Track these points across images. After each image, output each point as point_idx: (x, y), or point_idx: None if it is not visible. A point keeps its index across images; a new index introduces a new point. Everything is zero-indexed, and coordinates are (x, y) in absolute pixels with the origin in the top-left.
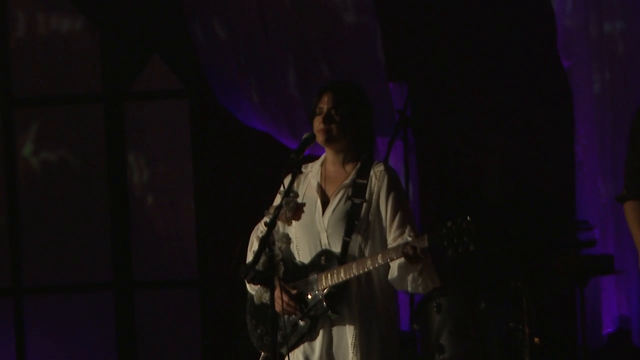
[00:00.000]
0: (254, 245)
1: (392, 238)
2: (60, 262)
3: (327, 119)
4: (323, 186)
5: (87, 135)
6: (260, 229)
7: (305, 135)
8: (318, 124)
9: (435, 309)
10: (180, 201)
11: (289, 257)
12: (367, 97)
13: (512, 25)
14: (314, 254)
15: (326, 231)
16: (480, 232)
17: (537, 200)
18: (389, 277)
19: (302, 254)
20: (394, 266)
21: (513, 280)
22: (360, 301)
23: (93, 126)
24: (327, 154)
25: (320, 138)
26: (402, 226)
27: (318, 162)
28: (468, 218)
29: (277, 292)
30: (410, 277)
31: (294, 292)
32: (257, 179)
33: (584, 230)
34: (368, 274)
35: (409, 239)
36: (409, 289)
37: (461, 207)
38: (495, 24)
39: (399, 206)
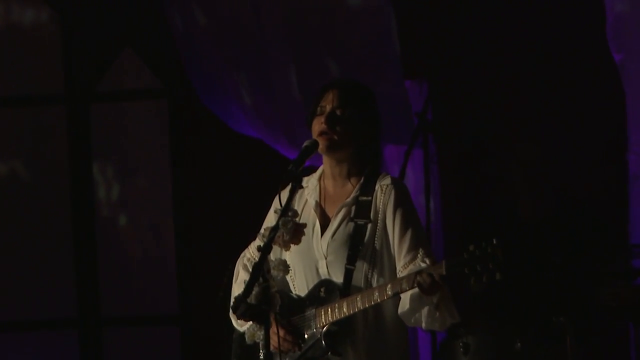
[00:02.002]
0: (240, 275)
1: (403, 264)
2: (15, 296)
3: (330, 120)
4: (322, 205)
5: (45, 143)
6: (247, 255)
7: (306, 143)
8: (319, 125)
9: (461, 349)
10: (158, 222)
11: (283, 288)
12: (376, 102)
13: (552, 11)
14: (311, 285)
15: (326, 258)
16: (508, 258)
17: (581, 219)
18: (399, 310)
19: (298, 285)
20: (406, 298)
21: (554, 316)
22: (367, 341)
23: (53, 132)
24: (326, 167)
25: (320, 144)
26: (413, 249)
27: (315, 177)
28: (494, 241)
29: (272, 329)
30: (424, 311)
31: (289, 327)
32: (249, 195)
33: (638, 255)
34: (377, 308)
35: (422, 264)
36: (423, 325)
37: (490, 227)
38: (531, 10)
39: (409, 225)
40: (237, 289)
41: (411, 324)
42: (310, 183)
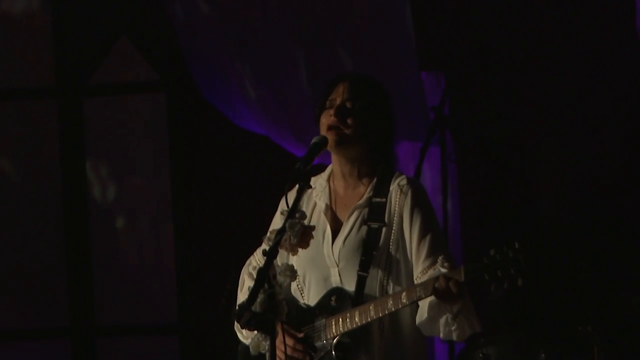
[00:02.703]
0: (245, 284)
1: (421, 270)
2: (3, 304)
3: (340, 112)
4: (333, 208)
5: (35, 139)
6: (253, 263)
7: (314, 139)
8: (328, 118)
9: None
10: (156, 224)
11: (291, 298)
12: (389, 98)
13: (578, 0)
14: (322, 294)
15: (337, 266)
16: (531, 263)
17: (610, 221)
18: (417, 320)
19: (308, 294)
20: (424, 306)
21: (581, 325)
22: (384, 353)
23: (44, 127)
24: (335, 166)
25: (329, 139)
26: (432, 254)
27: (323, 177)
28: (516, 244)
29: (279, 339)
30: (442, 320)
31: (300, 335)
32: (253, 195)
33: None
34: (394, 318)
35: (442, 270)
36: (441, 335)
37: (512, 230)
38: None
39: (427, 228)
40: (242, 298)
41: (428, 334)
42: (319, 184)
